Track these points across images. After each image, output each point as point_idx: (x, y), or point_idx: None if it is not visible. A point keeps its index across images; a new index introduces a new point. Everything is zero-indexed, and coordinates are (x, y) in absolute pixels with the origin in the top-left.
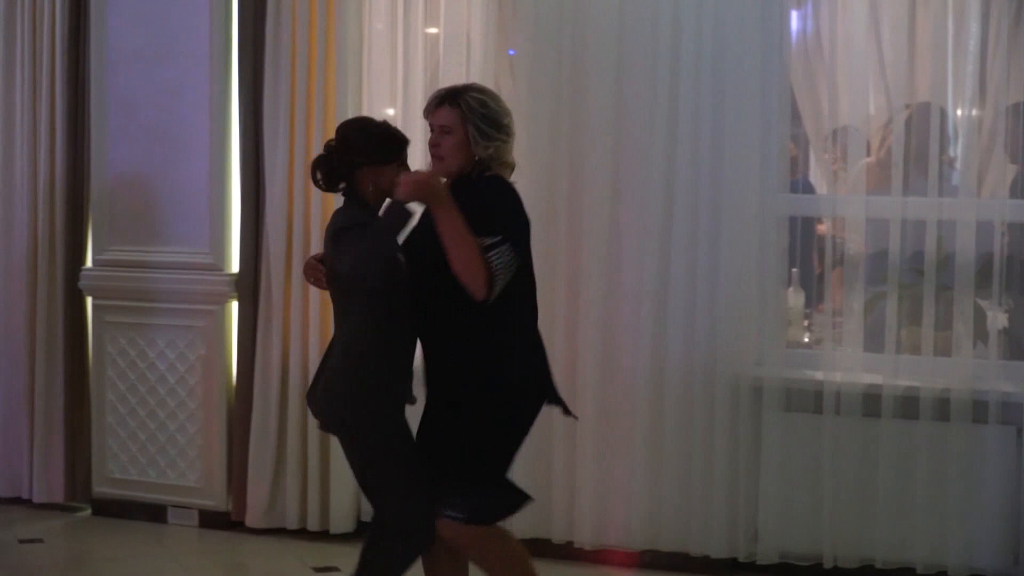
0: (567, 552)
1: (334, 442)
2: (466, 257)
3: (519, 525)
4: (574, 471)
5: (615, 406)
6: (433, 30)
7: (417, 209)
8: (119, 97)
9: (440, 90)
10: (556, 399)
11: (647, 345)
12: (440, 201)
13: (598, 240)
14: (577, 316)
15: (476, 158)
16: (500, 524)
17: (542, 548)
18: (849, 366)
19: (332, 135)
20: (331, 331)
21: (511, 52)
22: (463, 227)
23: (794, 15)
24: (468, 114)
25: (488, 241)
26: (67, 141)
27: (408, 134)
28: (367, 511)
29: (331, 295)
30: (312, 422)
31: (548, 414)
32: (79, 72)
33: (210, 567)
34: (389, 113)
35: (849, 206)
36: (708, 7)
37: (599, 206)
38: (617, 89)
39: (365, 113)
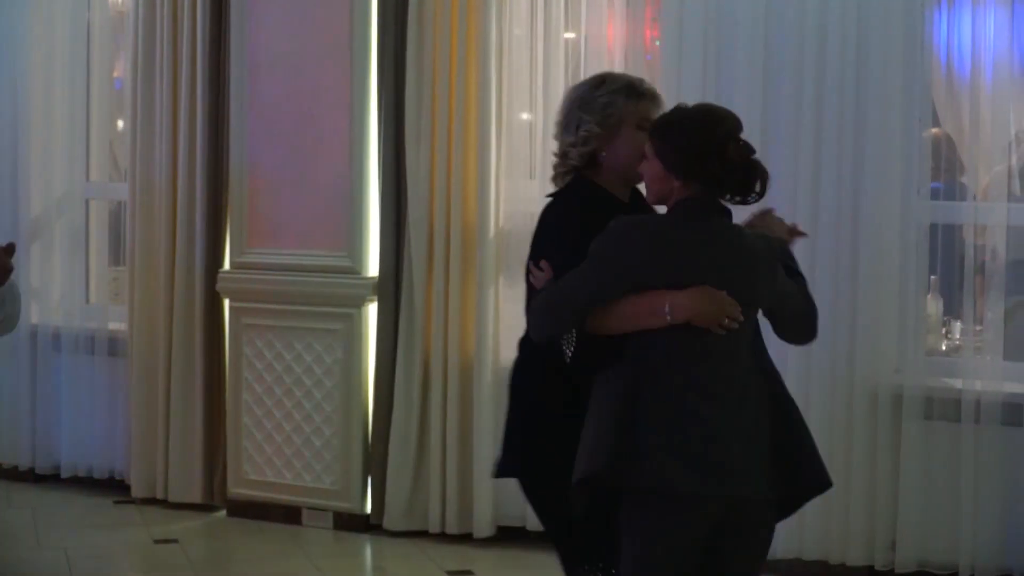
0: None
1: (475, 445)
2: None
3: None
4: None
5: None
6: (570, 34)
7: None
8: (259, 100)
9: None
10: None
11: (788, 352)
12: None
13: None
14: None
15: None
16: None
17: None
18: (989, 374)
19: (474, 139)
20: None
21: (648, 57)
22: None
23: (936, 17)
24: None
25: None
26: (207, 143)
27: (549, 141)
28: (507, 516)
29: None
30: (452, 423)
31: None
32: (220, 75)
33: (346, 569)
34: (525, 118)
35: (991, 213)
36: (851, 8)
37: (743, 212)
38: (762, 92)
39: (503, 119)
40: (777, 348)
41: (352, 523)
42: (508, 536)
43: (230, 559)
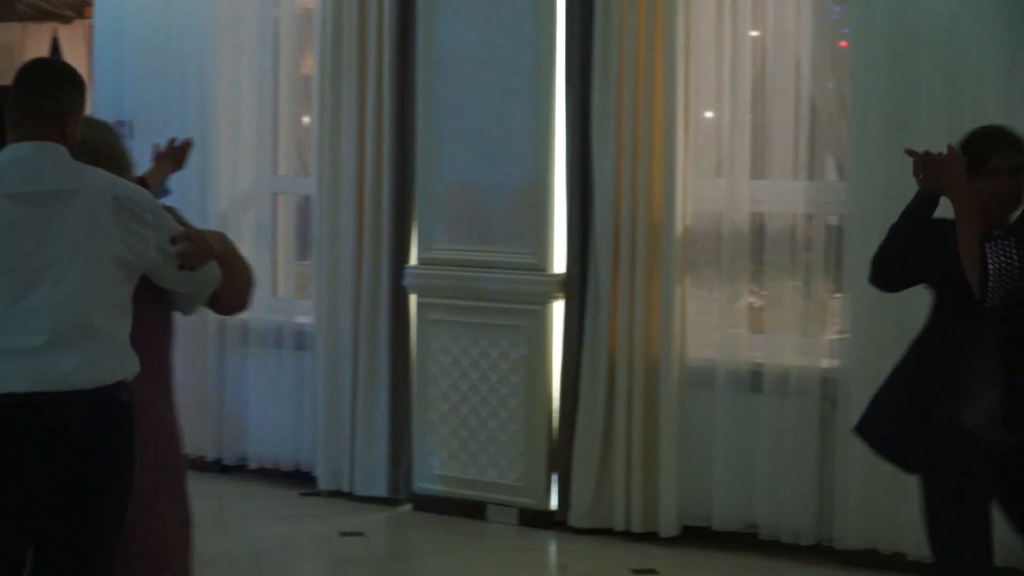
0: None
1: (660, 443)
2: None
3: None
4: None
5: None
6: (756, 32)
7: None
8: (445, 96)
9: None
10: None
11: None
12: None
13: None
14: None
15: None
16: None
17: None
18: None
19: (660, 136)
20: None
21: (833, 56)
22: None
23: None
24: None
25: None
26: (393, 139)
27: (733, 138)
28: (692, 515)
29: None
30: (637, 420)
31: None
32: (406, 72)
33: (529, 565)
34: (709, 116)
35: None
36: None
37: None
38: (950, 91)
39: (689, 117)
40: None
41: (536, 519)
42: (693, 536)
43: (414, 553)
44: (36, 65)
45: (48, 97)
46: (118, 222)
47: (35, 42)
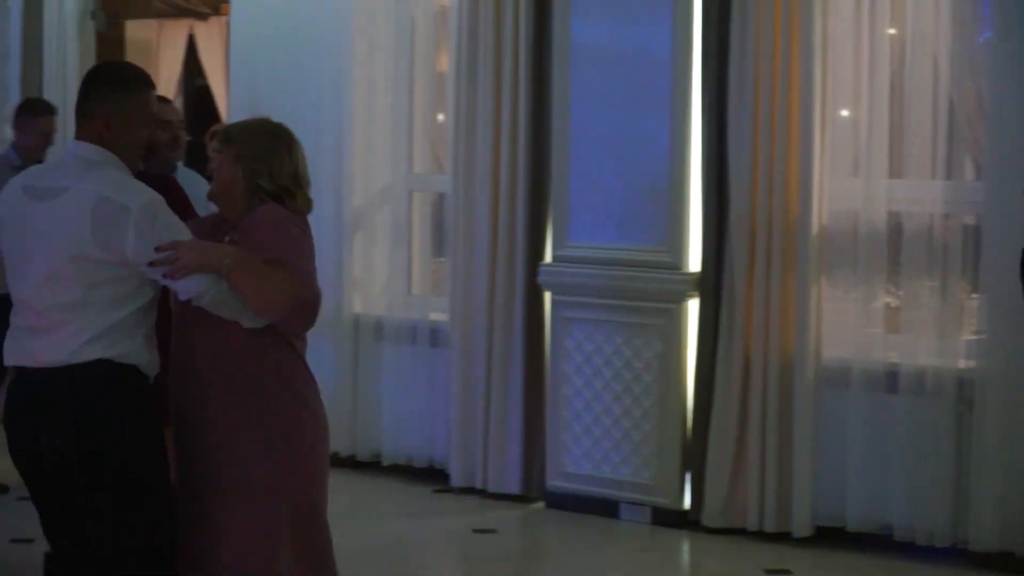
0: None
1: (795, 443)
2: None
3: None
4: None
5: None
6: (894, 30)
7: None
8: (580, 94)
9: None
10: None
11: None
12: None
13: None
14: None
15: None
16: None
17: None
18: None
19: (796, 135)
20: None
21: (970, 55)
22: None
23: None
24: None
25: None
26: (529, 137)
27: (870, 137)
28: (826, 515)
29: None
30: (771, 421)
31: None
32: (541, 70)
33: (662, 564)
34: (845, 115)
35: None
36: None
37: None
38: None
39: (827, 116)
40: None
41: (669, 518)
42: (827, 536)
43: (547, 551)
44: (91, 69)
45: (87, 99)
46: (93, 222)
47: (172, 39)
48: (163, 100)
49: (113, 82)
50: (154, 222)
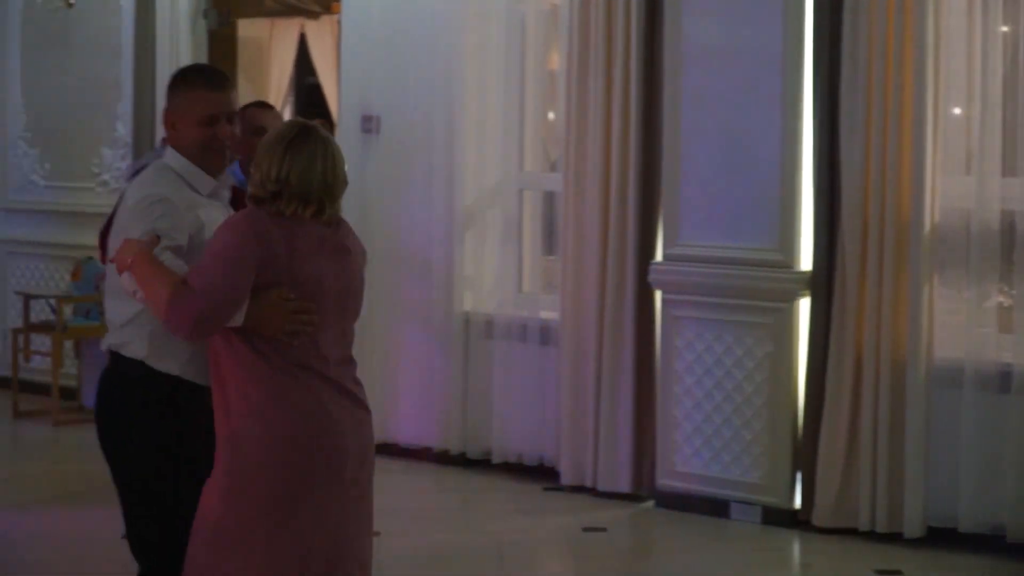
0: None
1: (906, 443)
2: None
3: None
4: None
5: None
6: (1007, 28)
7: None
8: (692, 92)
9: None
10: None
11: None
12: None
13: None
14: None
15: None
16: None
17: None
18: None
19: (908, 133)
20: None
21: None
22: None
23: None
24: None
25: None
26: (640, 135)
27: (983, 135)
28: (938, 516)
29: None
30: (883, 421)
31: None
32: (653, 68)
33: (771, 565)
34: (957, 112)
35: None
36: None
37: None
38: None
39: (939, 114)
40: None
41: (780, 518)
42: (939, 537)
43: (657, 550)
44: None
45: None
46: (121, 218)
47: (283, 38)
48: (264, 106)
49: (174, 81)
50: (130, 220)
